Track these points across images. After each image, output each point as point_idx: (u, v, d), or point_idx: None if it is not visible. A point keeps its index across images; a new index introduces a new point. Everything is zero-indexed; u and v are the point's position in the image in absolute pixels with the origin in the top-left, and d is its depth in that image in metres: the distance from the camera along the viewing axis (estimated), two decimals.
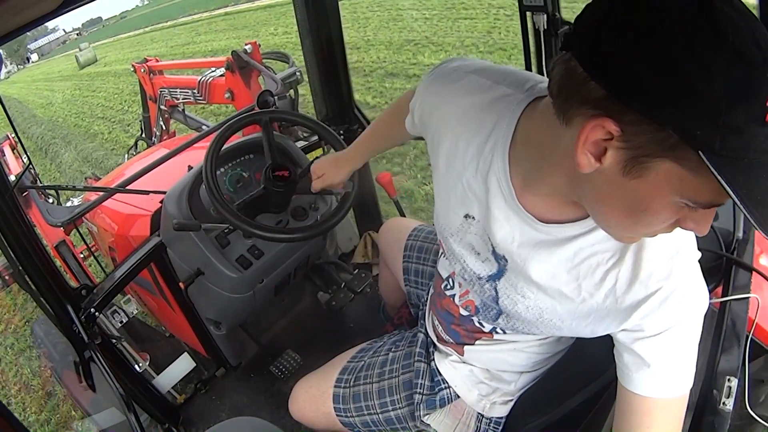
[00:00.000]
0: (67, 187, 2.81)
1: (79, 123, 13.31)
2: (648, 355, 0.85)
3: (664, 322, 0.83)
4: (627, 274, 0.85)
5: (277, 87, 2.42)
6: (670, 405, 0.87)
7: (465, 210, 1.07)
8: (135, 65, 4.14)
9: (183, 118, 4.10)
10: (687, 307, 0.83)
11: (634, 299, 0.85)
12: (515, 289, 1.03)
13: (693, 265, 0.85)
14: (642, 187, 0.69)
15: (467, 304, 1.22)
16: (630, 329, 0.87)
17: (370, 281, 2.63)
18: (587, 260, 0.89)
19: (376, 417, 1.51)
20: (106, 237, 2.42)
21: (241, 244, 1.92)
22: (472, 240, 1.09)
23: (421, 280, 1.80)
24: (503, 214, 0.97)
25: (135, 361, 2.11)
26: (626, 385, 0.90)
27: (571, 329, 0.99)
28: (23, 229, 1.48)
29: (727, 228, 1.47)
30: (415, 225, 1.92)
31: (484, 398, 1.38)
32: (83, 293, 1.74)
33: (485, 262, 1.08)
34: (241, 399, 2.46)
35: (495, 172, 0.96)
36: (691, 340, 0.86)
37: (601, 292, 0.89)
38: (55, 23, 24.08)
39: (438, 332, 1.43)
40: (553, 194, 0.88)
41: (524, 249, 0.96)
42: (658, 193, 0.68)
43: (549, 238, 0.92)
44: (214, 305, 2.11)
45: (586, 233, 0.88)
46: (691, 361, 0.86)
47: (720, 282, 1.38)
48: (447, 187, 1.11)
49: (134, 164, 2.86)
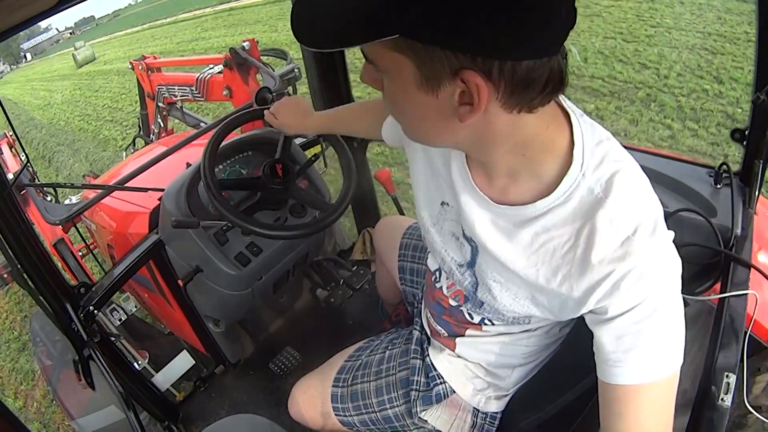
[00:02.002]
0: (65, 185, 2.80)
1: (84, 126, 12.24)
2: (609, 339, 0.84)
3: (624, 302, 0.81)
4: (579, 260, 0.84)
5: (276, 84, 2.42)
6: (645, 391, 0.83)
7: (440, 197, 1.11)
8: (133, 62, 4.13)
9: (181, 116, 4.09)
10: (646, 287, 0.80)
11: (587, 284, 0.84)
12: (488, 274, 1.03)
13: (655, 244, 0.81)
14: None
15: (456, 294, 1.23)
16: (595, 311, 0.86)
17: (368, 278, 2.63)
18: (544, 246, 0.88)
19: (374, 415, 1.51)
20: (105, 235, 2.42)
21: (239, 241, 1.92)
22: (450, 227, 1.11)
23: (417, 278, 1.81)
24: (465, 198, 0.99)
25: (134, 359, 2.11)
26: (597, 373, 0.88)
27: (545, 312, 0.99)
28: (21, 228, 1.47)
29: (725, 224, 1.48)
30: (410, 223, 1.93)
31: (479, 393, 1.38)
32: (82, 291, 1.74)
33: (461, 249, 1.09)
34: (240, 396, 2.46)
35: (454, 156, 1.01)
36: (663, 320, 0.82)
37: (558, 277, 0.88)
38: (47, 22, 23.81)
39: (431, 324, 1.44)
40: (495, 168, 0.90)
41: (485, 231, 0.97)
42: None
43: (505, 219, 0.93)
44: (213, 302, 2.11)
45: (540, 216, 0.87)
46: (667, 341, 0.82)
47: (718, 278, 1.38)
48: (425, 178, 1.15)
49: (132, 162, 2.86)
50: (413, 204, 1.26)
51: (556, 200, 0.84)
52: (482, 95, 0.70)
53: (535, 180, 0.86)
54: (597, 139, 0.85)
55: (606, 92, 5.84)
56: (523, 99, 0.73)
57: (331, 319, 2.67)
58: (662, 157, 1.83)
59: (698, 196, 1.63)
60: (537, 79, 0.71)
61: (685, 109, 5.19)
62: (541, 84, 0.72)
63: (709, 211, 1.54)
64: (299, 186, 1.86)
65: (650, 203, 0.84)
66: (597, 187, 0.82)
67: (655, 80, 5.93)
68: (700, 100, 5.35)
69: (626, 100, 5.59)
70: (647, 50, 6.91)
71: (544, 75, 0.71)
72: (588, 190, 0.82)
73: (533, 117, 0.78)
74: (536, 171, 0.86)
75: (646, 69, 6.30)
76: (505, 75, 0.69)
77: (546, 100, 0.75)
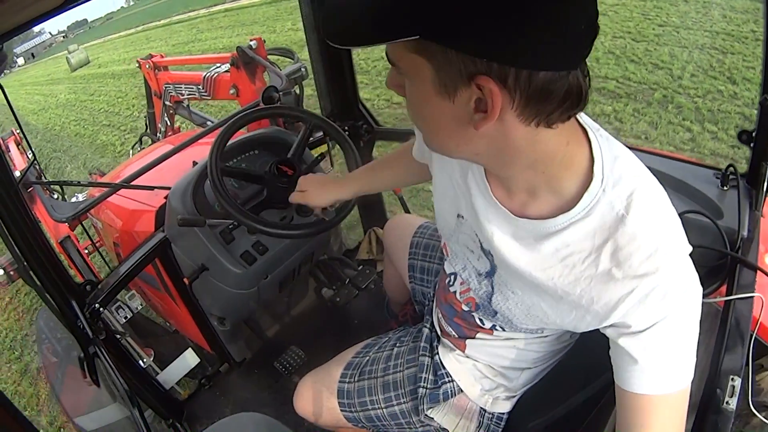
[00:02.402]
0: (72, 183, 2.80)
1: (81, 132, 11.74)
2: (636, 351, 0.84)
3: (648, 318, 0.82)
4: (601, 275, 0.84)
5: (282, 83, 2.42)
6: (666, 401, 0.85)
7: (456, 210, 1.12)
8: (140, 61, 4.14)
9: (188, 114, 4.10)
10: (671, 302, 0.81)
11: (610, 299, 0.84)
12: (506, 285, 1.04)
13: (677, 260, 0.82)
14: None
15: (468, 301, 1.23)
16: (617, 325, 0.86)
17: (374, 277, 2.63)
18: (564, 260, 0.88)
19: (381, 412, 1.51)
20: (111, 232, 2.42)
21: (245, 240, 1.92)
22: (465, 240, 1.12)
23: (427, 277, 1.80)
24: (483, 211, 1.00)
25: (139, 357, 2.11)
26: (618, 382, 0.89)
27: (558, 325, 1.00)
28: (28, 225, 1.48)
29: (731, 227, 1.47)
30: (421, 222, 1.93)
31: (486, 393, 1.39)
32: (88, 289, 1.74)
33: (480, 260, 1.10)
34: (244, 395, 2.46)
35: (472, 169, 1.02)
36: (683, 334, 0.83)
37: (577, 291, 0.88)
38: (40, 26, 23.96)
39: (442, 325, 1.44)
40: (514, 183, 0.90)
41: (504, 244, 0.97)
42: None
43: (525, 233, 0.93)
44: (219, 301, 2.11)
45: (561, 231, 0.87)
46: (687, 355, 0.84)
47: (724, 281, 1.38)
48: (442, 190, 1.17)
49: (139, 160, 2.87)
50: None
51: (577, 215, 0.84)
52: (496, 102, 0.70)
53: (555, 196, 0.87)
54: (614, 155, 0.85)
55: (622, 94, 5.81)
56: (540, 111, 0.72)
57: (336, 318, 2.67)
58: (668, 158, 1.82)
59: (705, 197, 1.62)
60: (554, 91, 0.70)
61: (702, 110, 5.17)
62: (559, 98, 0.71)
63: (716, 213, 1.53)
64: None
65: (671, 219, 0.84)
66: (618, 204, 0.82)
67: (669, 81, 5.91)
68: (717, 101, 5.33)
69: (643, 102, 5.55)
70: (658, 50, 6.90)
71: (562, 89, 0.70)
72: (609, 206, 0.82)
73: (553, 133, 0.78)
74: (556, 187, 0.86)
75: (658, 69, 6.28)
76: (521, 84, 0.69)
77: (565, 116, 0.75)
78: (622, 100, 5.64)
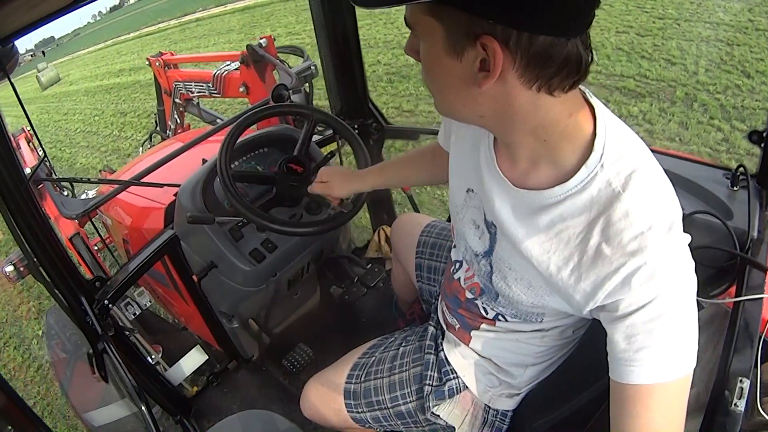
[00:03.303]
0: (81, 180, 2.82)
1: (58, 155, 10.68)
2: (621, 337, 0.84)
3: (635, 300, 0.82)
4: (591, 251, 0.85)
5: (292, 81, 2.42)
6: (658, 391, 0.83)
7: (467, 184, 1.16)
8: (150, 59, 4.17)
9: (197, 112, 4.12)
10: (659, 285, 0.80)
11: (597, 276, 0.85)
12: (503, 261, 1.07)
13: (669, 243, 0.81)
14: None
15: (472, 287, 1.24)
16: (606, 310, 0.87)
17: (383, 276, 2.63)
18: (559, 234, 0.90)
19: (387, 412, 1.52)
20: (120, 229, 2.43)
21: (254, 237, 1.92)
22: (472, 214, 1.15)
23: (434, 276, 1.81)
24: (488, 180, 1.03)
25: (148, 353, 2.12)
26: (610, 373, 0.88)
27: (556, 301, 1.00)
28: (38, 222, 1.49)
29: (741, 227, 1.46)
30: (429, 221, 1.93)
31: (491, 389, 1.40)
32: (97, 285, 1.75)
33: (481, 237, 1.12)
34: (252, 392, 2.47)
35: (483, 141, 1.06)
36: (674, 321, 0.82)
37: (569, 266, 0.89)
38: None
39: (446, 317, 1.46)
40: (517, 151, 0.94)
41: (505, 213, 1.00)
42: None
43: (524, 204, 0.95)
44: (227, 298, 2.12)
45: (557, 203, 0.89)
46: (679, 343, 0.82)
47: (734, 282, 1.37)
48: (456, 166, 1.22)
49: (148, 157, 2.87)
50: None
51: (573, 188, 0.86)
52: (498, 61, 0.75)
53: (555, 167, 0.89)
54: (620, 135, 0.87)
55: (644, 93, 5.76)
56: (539, 75, 0.77)
57: (344, 316, 2.67)
58: (678, 158, 1.81)
59: (714, 198, 1.61)
60: (553, 56, 0.75)
61: (727, 108, 5.12)
62: (558, 63, 0.75)
63: (726, 214, 1.52)
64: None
65: (668, 203, 0.84)
66: (615, 181, 0.83)
67: (686, 77, 5.87)
68: (738, 96, 5.29)
69: (666, 101, 5.51)
70: (665, 44, 6.87)
71: (561, 54, 0.75)
72: (606, 182, 0.83)
73: (555, 102, 0.81)
74: (555, 158, 0.88)
75: (672, 65, 6.24)
76: (522, 46, 0.74)
77: (565, 83, 0.79)
78: (645, 100, 5.59)
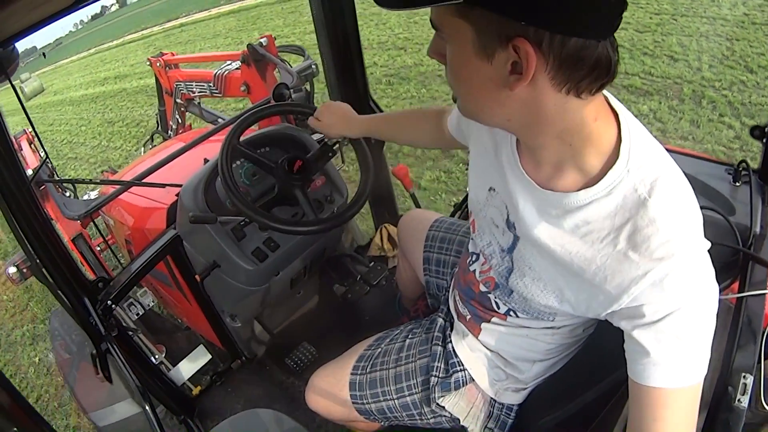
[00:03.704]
0: (83, 181, 2.83)
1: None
2: (649, 343, 0.84)
3: (662, 307, 0.82)
4: (618, 255, 0.86)
5: (293, 80, 2.42)
6: (678, 395, 0.85)
7: (489, 183, 1.15)
8: (151, 59, 4.17)
9: (199, 112, 4.12)
10: (686, 292, 0.82)
11: (623, 280, 0.85)
12: (524, 260, 1.07)
13: (694, 251, 0.83)
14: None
15: (487, 281, 1.24)
16: (629, 316, 0.87)
17: (386, 274, 2.63)
18: (584, 237, 0.90)
19: (392, 403, 1.52)
20: (123, 230, 2.43)
21: (257, 236, 1.92)
22: (493, 213, 1.15)
23: (442, 269, 1.81)
24: (513, 182, 1.03)
25: (151, 353, 2.13)
26: (631, 375, 0.89)
27: (572, 304, 1.00)
28: (41, 223, 1.49)
29: (744, 223, 1.46)
30: (437, 216, 1.94)
31: (497, 383, 1.40)
32: (100, 286, 1.75)
33: (504, 234, 1.12)
34: (256, 391, 2.47)
35: (505, 141, 1.06)
36: (698, 328, 0.83)
37: (592, 267, 0.89)
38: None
39: (458, 307, 1.46)
40: (542, 155, 0.93)
41: (528, 215, 1.00)
42: None
43: (549, 206, 0.95)
44: (230, 298, 2.12)
45: (583, 207, 0.89)
46: (701, 349, 0.84)
47: (736, 277, 1.37)
48: (477, 164, 1.22)
49: (150, 158, 2.87)
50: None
51: (599, 192, 0.86)
52: (531, 64, 0.74)
53: (580, 172, 0.89)
54: (643, 140, 0.87)
55: (651, 90, 5.68)
56: (570, 77, 0.76)
57: (347, 314, 2.67)
58: (680, 154, 1.81)
59: (717, 194, 1.61)
60: (585, 59, 0.74)
61: (735, 104, 5.06)
62: (589, 65, 0.75)
63: (728, 209, 1.52)
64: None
65: (692, 209, 0.86)
66: (641, 187, 0.83)
67: (691, 74, 5.82)
68: (744, 92, 5.25)
69: (674, 98, 5.44)
70: (665, 40, 6.82)
71: (592, 57, 0.74)
72: (632, 188, 0.84)
73: (582, 104, 0.81)
74: (580, 163, 0.88)
75: (675, 61, 6.19)
76: (555, 48, 0.73)
77: (594, 86, 0.78)
78: (654, 98, 5.51)
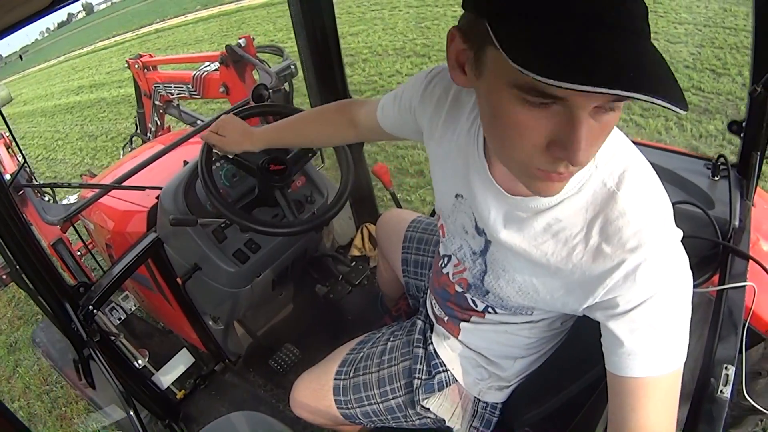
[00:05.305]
0: (62, 185, 2.80)
1: None
2: (624, 333, 0.85)
3: (635, 296, 0.83)
4: (591, 249, 0.87)
5: (272, 80, 2.41)
6: (656, 383, 0.85)
7: (455, 190, 1.14)
8: (129, 61, 4.13)
9: (178, 113, 4.09)
10: (658, 280, 0.83)
11: (598, 272, 0.86)
12: (498, 263, 1.07)
13: (665, 239, 0.84)
14: (484, 86, 0.76)
15: (460, 282, 1.25)
16: (604, 307, 0.88)
17: (367, 273, 2.63)
18: (556, 236, 0.91)
19: (377, 407, 1.52)
20: (103, 234, 2.41)
21: (237, 238, 1.92)
22: (462, 219, 1.15)
23: (421, 270, 1.81)
24: (480, 189, 1.03)
25: (134, 358, 2.11)
26: (608, 367, 0.90)
27: (547, 302, 1.02)
28: (19, 228, 1.47)
29: (723, 216, 1.48)
30: (414, 216, 1.94)
31: (480, 382, 1.40)
32: (81, 291, 1.73)
33: (475, 239, 1.12)
34: (240, 394, 2.46)
35: (472, 147, 1.04)
36: (672, 316, 0.84)
37: (569, 266, 0.90)
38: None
39: (435, 310, 1.46)
40: None
41: (498, 222, 1.00)
42: (496, 87, 0.72)
43: (519, 211, 0.96)
44: (212, 300, 2.11)
45: (553, 207, 0.90)
46: (676, 337, 0.85)
47: (717, 270, 1.39)
48: (442, 170, 1.19)
49: (130, 160, 2.85)
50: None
51: (569, 191, 0.87)
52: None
53: None
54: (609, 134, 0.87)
55: (712, 109, 5.23)
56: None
57: (330, 314, 2.67)
58: (659, 149, 1.83)
59: (696, 188, 1.63)
60: None
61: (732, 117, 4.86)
62: None
63: (707, 204, 1.54)
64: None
65: (661, 199, 0.87)
66: (609, 180, 0.85)
67: (737, 88, 5.50)
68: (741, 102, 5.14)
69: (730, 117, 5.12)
70: (680, 51, 6.57)
71: None
72: (601, 182, 0.85)
73: None
74: None
75: (719, 76, 5.84)
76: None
77: None
78: (717, 116, 5.07)
